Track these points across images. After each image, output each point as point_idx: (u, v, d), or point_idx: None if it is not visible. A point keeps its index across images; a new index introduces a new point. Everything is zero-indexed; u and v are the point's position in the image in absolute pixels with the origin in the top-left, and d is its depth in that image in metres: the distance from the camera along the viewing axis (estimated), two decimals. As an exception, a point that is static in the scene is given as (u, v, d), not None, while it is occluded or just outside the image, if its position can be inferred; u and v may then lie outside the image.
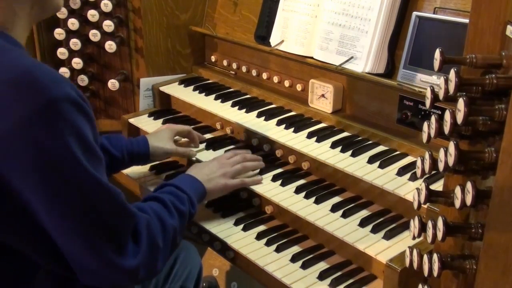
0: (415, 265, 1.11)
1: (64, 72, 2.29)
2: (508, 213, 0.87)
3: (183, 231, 1.44)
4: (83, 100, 1.11)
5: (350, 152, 1.71)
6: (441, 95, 1.01)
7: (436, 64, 1.01)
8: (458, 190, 0.98)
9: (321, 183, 1.75)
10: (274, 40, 2.09)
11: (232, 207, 1.80)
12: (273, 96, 2.12)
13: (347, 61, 1.84)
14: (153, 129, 2.05)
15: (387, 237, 1.47)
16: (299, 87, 2.06)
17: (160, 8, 2.29)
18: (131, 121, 2.25)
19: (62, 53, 2.27)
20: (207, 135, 2.08)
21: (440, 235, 1.01)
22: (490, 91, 0.93)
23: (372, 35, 1.78)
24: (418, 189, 1.11)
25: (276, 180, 1.76)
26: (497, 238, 0.90)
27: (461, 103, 0.92)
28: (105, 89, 2.35)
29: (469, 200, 0.94)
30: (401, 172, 1.59)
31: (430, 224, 1.06)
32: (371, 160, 1.66)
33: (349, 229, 1.52)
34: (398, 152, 1.72)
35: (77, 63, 2.27)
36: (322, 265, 1.56)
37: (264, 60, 2.21)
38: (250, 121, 1.99)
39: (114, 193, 1.17)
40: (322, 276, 1.51)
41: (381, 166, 1.63)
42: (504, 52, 0.95)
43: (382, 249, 1.43)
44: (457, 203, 0.98)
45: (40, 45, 2.31)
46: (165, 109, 2.35)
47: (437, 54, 1.00)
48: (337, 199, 1.67)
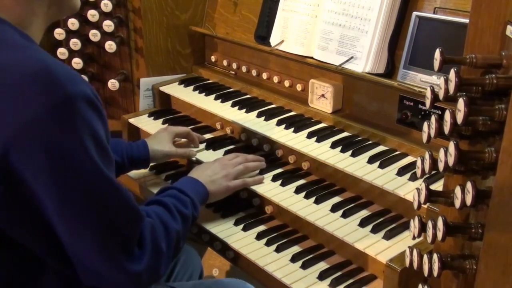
0: (415, 265, 1.11)
1: (64, 72, 2.29)
2: (508, 213, 0.87)
3: (186, 234, 1.42)
4: (98, 99, 1.10)
5: (350, 152, 1.71)
6: (441, 95, 1.00)
7: (436, 64, 1.00)
8: (458, 190, 0.97)
9: (321, 183, 1.75)
10: (274, 40, 2.09)
11: (232, 207, 1.80)
12: (273, 96, 2.12)
13: (347, 61, 1.84)
14: (153, 129, 2.05)
15: (387, 237, 1.47)
16: (299, 87, 2.06)
17: (160, 8, 2.29)
18: (131, 121, 2.24)
19: (62, 53, 2.27)
20: (207, 135, 2.08)
21: (440, 235, 1.01)
22: (490, 91, 0.93)
23: (372, 35, 1.78)
24: (418, 189, 1.11)
25: (276, 180, 1.76)
26: (497, 238, 0.90)
27: (461, 103, 0.92)
28: (105, 89, 2.35)
29: (469, 200, 0.94)
30: (401, 172, 1.59)
31: (430, 224, 1.06)
32: (371, 160, 1.66)
33: (349, 229, 1.52)
34: (398, 152, 1.72)
35: (77, 63, 2.27)
36: (322, 265, 1.56)
37: (264, 60, 2.21)
38: (250, 121, 1.98)
39: (126, 195, 1.16)
40: (322, 276, 1.51)
41: (381, 166, 1.63)
42: (504, 52, 0.95)
43: (382, 249, 1.43)
44: (457, 203, 0.98)
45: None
46: (165, 109, 2.34)
47: (437, 54, 1.00)
48: (337, 199, 1.67)
